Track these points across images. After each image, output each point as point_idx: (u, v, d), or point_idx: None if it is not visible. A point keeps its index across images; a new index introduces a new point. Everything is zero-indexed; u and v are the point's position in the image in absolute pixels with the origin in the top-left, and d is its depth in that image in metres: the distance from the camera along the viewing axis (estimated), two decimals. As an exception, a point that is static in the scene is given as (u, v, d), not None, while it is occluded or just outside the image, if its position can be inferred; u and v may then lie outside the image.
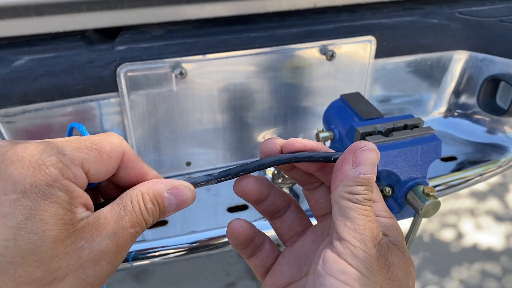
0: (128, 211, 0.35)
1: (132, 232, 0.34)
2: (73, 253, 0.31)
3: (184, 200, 0.38)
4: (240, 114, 0.89)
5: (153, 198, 0.36)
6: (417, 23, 0.92)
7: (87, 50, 0.76)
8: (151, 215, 0.36)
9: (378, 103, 1.01)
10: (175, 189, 0.37)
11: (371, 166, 0.36)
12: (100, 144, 0.35)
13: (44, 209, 0.30)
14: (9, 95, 0.72)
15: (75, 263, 0.31)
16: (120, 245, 0.33)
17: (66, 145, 0.33)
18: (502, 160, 0.97)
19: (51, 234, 0.30)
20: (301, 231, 0.45)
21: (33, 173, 0.31)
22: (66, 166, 0.32)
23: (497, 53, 0.94)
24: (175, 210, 0.38)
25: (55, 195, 0.31)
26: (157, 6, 0.76)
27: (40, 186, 0.30)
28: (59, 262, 0.31)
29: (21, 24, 0.71)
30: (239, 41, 0.82)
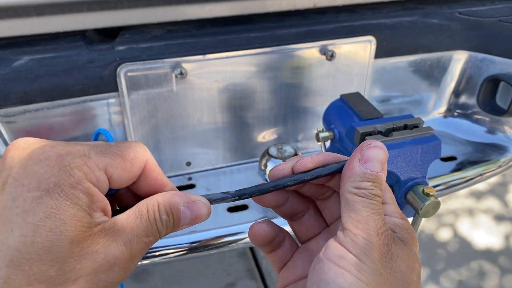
0: (144, 220, 0.35)
1: (146, 241, 0.35)
2: (88, 256, 0.32)
3: (199, 215, 0.38)
4: (240, 114, 0.89)
5: (169, 209, 0.37)
6: (417, 23, 0.92)
7: (87, 50, 0.76)
8: (165, 226, 0.36)
9: (378, 103, 1.01)
10: (191, 203, 0.38)
11: (379, 163, 0.36)
12: (125, 151, 0.36)
13: (65, 209, 0.31)
14: (9, 95, 0.72)
15: (89, 266, 0.32)
16: (134, 253, 0.34)
17: (92, 149, 0.34)
18: (502, 160, 0.97)
19: (69, 234, 0.31)
20: (318, 233, 0.45)
21: (58, 173, 0.31)
22: (91, 169, 0.33)
23: (497, 53, 0.94)
24: (189, 224, 0.38)
25: (76, 197, 0.31)
26: (157, 6, 0.76)
27: (63, 187, 0.31)
28: (73, 264, 0.31)
29: (21, 24, 0.71)
30: (239, 41, 0.82)
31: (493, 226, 1.81)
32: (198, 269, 1.49)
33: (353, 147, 0.66)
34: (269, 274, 1.48)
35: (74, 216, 0.31)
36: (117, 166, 0.35)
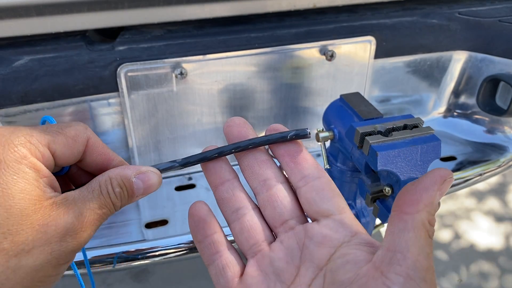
0: (96, 194, 0.36)
1: (99, 213, 0.36)
2: (40, 229, 0.33)
3: (151, 184, 0.40)
4: (240, 114, 0.89)
5: (121, 182, 0.38)
6: (417, 23, 0.92)
7: (87, 50, 0.76)
8: (119, 198, 0.38)
9: (378, 103, 1.01)
10: (142, 174, 0.40)
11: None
12: (65, 129, 0.38)
13: (12, 183, 0.32)
14: (10, 95, 0.72)
15: (41, 237, 0.33)
16: (86, 224, 0.35)
17: (34, 129, 0.36)
18: (502, 160, 0.97)
19: (18, 208, 0.32)
20: None
21: (2, 150, 0.33)
22: (34, 146, 0.34)
23: (497, 53, 0.94)
24: (143, 195, 0.40)
25: (23, 171, 0.33)
26: (157, 7, 0.76)
27: (8, 162, 0.33)
28: (25, 236, 0.32)
29: (22, 24, 0.71)
30: (239, 41, 0.82)
31: (493, 227, 1.81)
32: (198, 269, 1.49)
33: (353, 147, 0.66)
34: (269, 274, 1.48)
35: (23, 190, 0.33)
36: (59, 142, 0.37)
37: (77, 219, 0.35)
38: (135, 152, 0.86)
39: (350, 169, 0.76)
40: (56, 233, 0.33)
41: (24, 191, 0.33)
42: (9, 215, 0.32)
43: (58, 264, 0.34)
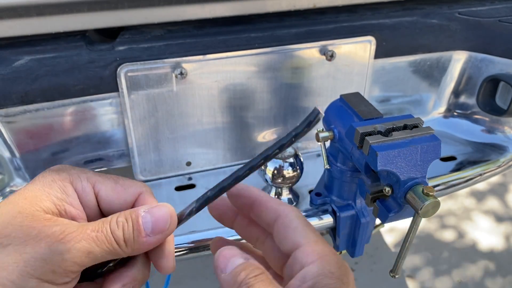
0: (97, 221, 0.37)
1: (90, 234, 0.36)
2: (25, 229, 0.35)
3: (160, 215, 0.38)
4: (240, 114, 0.89)
5: (128, 214, 0.37)
6: (417, 23, 0.92)
7: (87, 50, 0.76)
8: (120, 229, 0.36)
9: (378, 103, 1.01)
10: (153, 208, 0.39)
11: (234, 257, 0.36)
12: (120, 178, 0.40)
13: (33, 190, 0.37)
14: (10, 95, 0.72)
15: (22, 237, 0.34)
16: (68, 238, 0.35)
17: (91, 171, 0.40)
18: (502, 160, 0.97)
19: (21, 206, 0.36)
20: None
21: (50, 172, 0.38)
22: (79, 178, 0.38)
23: (497, 53, 0.94)
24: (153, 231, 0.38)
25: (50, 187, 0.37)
26: (158, 6, 0.76)
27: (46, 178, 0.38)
28: (11, 230, 0.35)
29: (22, 24, 0.71)
30: (239, 41, 0.82)
31: (493, 226, 1.81)
32: (198, 269, 1.49)
33: (353, 147, 0.66)
34: (269, 274, 1.48)
35: (36, 197, 0.37)
36: (106, 185, 0.39)
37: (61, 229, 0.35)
38: (135, 152, 0.86)
39: (350, 169, 0.76)
40: (35, 236, 0.34)
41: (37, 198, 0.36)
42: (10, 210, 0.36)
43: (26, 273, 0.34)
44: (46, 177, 0.38)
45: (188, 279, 1.46)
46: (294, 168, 0.79)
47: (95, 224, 0.36)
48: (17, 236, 0.34)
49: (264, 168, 0.80)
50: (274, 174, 0.79)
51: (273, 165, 0.79)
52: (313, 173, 0.91)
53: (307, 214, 0.81)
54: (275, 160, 0.79)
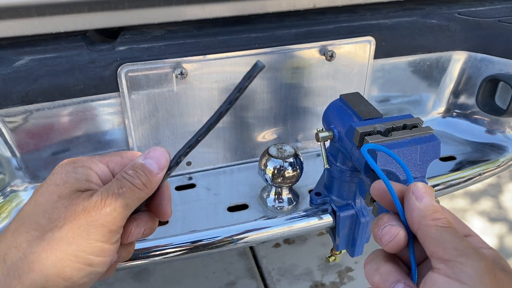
0: (114, 181, 0.44)
1: (119, 192, 0.43)
2: (70, 207, 0.41)
3: (158, 154, 0.46)
4: (240, 114, 0.90)
5: (132, 167, 0.45)
6: (416, 24, 0.92)
7: (88, 50, 0.76)
8: (136, 177, 0.44)
9: (378, 103, 1.01)
10: (147, 154, 0.46)
11: (431, 196, 0.40)
12: (122, 152, 0.49)
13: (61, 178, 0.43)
14: (10, 95, 0.72)
15: (72, 215, 0.41)
16: (107, 202, 0.42)
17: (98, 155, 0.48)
18: (501, 160, 0.97)
19: (57, 192, 0.42)
20: None
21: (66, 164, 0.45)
22: (94, 162, 0.46)
23: (496, 53, 0.94)
24: (159, 167, 0.46)
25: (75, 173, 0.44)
26: (158, 7, 0.76)
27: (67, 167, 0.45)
28: (59, 213, 0.41)
29: (22, 24, 0.71)
30: (239, 41, 0.82)
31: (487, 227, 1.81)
32: (198, 268, 1.49)
33: (353, 147, 0.66)
34: (269, 273, 1.48)
35: (67, 182, 0.43)
36: (116, 161, 0.47)
37: (99, 198, 0.42)
38: (136, 152, 0.86)
39: (349, 169, 0.76)
40: (83, 210, 0.41)
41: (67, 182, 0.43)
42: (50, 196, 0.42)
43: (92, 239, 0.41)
44: (64, 167, 0.45)
45: (188, 278, 1.46)
46: (294, 168, 0.79)
47: (115, 184, 0.43)
48: (67, 215, 0.41)
49: (264, 168, 0.80)
50: (274, 173, 0.79)
51: (273, 164, 0.79)
52: (313, 173, 0.91)
53: (307, 213, 0.81)
54: (275, 160, 0.79)
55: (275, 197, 0.84)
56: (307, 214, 0.81)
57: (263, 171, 0.80)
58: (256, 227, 0.79)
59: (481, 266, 0.33)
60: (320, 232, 1.59)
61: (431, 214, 0.38)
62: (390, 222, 0.41)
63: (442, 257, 0.35)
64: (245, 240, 0.78)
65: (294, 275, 1.48)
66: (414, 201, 0.40)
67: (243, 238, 0.77)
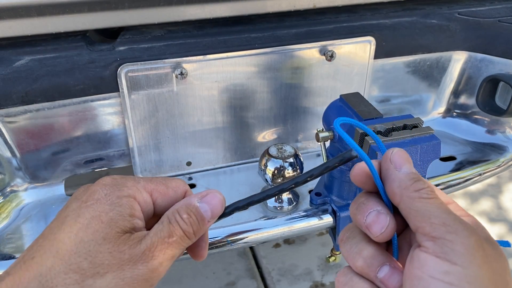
0: (166, 224, 0.40)
1: (169, 241, 0.39)
2: (116, 254, 0.37)
3: (215, 204, 0.42)
4: (240, 114, 0.90)
5: (187, 209, 0.41)
6: (417, 24, 0.92)
7: (88, 50, 0.76)
8: (189, 224, 0.41)
9: (378, 103, 1.01)
10: (205, 197, 0.43)
11: (409, 164, 0.37)
12: (168, 181, 0.44)
13: (106, 212, 0.38)
14: (10, 95, 0.72)
15: (116, 263, 0.37)
16: (156, 252, 0.39)
17: (142, 178, 0.43)
18: (501, 160, 0.97)
19: (103, 232, 0.37)
20: None
21: (110, 189, 0.40)
22: (139, 190, 0.41)
23: (496, 53, 0.94)
24: (213, 217, 0.43)
25: (119, 205, 0.39)
26: (158, 7, 0.76)
27: (111, 197, 0.39)
28: (103, 259, 0.37)
29: (22, 24, 0.71)
30: (239, 41, 0.82)
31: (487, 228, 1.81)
32: (198, 268, 1.49)
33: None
34: (269, 273, 1.48)
35: (112, 219, 0.38)
36: (160, 191, 0.42)
37: (147, 247, 0.38)
38: (136, 152, 0.86)
39: (350, 169, 0.76)
40: (129, 260, 0.37)
41: (113, 220, 0.38)
42: (94, 237, 0.37)
43: None
44: (109, 195, 0.40)
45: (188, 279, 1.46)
46: (294, 168, 0.79)
47: (166, 227, 0.40)
48: (111, 263, 0.37)
49: (264, 168, 0.80)
50: (274, 174, 0.79)
51: (273, 165, 0.79)
52: (313, 173, 0.91)
53: (307, 214, 0.81)
54: (275, 160, 0.79)
55: (275, 197, 0.84)
56: (307, 214, 0.81)
57: (263, 171, 0.80)
58: (256, 227, 0.79)
59: (471, 243, 0.30)
60: (320, 232, 1.59)
61: (414, 184, 0.34)
62: (375, 207, 0.36)
63: (430, 233, 0.32)
64: (245, 240, 0.78)
65: (294, 275, 1.48)
66: (393, 170, 0.36)
67: (243, 238, 0.77)
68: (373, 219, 0.35)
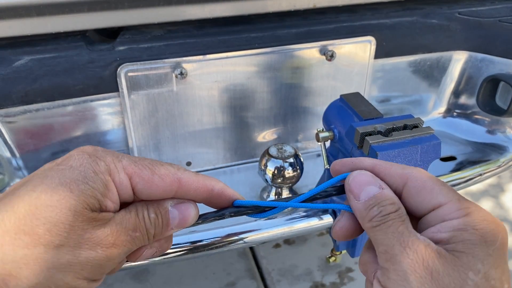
0: (133, 216, 0.38)
1: (132, 235, 0.37)
2: (77, 230, 0.34)
3: (187, 215, 0.39)
4: (240, 114, 0.89)
5: (157, 209, 0.38)
6: (417, 24, 0.92)
7: (87, 50, 0.76)
8: (153, 224, 0.38)
9: (378, 103, 1.01)
10: (179, 204, 0.39)
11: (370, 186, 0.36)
12: (155, 166, 0.38)
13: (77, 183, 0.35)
14: (10, 95, 0.72)
15: (75, 239, 0.34)
16: (118, 241, 0.36)
17: (127, 157, 0.38)
18: (502, 160, 0.97)
19: (70, 203, 0.34)
20: None
21: (87, 159, 0.36)
22: (117, 169, 0.37)
23: (497, 53, 0.94)
24: (178, 227, 0.40)
25: (93, 181, 0.36)
26: (158, 7, 0.76)
27: (87, 168, 0.36)
28: (61, 230, 0.34)
29: (22, 24, 0.71)
30: (239, 41, 0.82)
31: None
32: (198, 269, 1.49)
33: (353, 147, 0.66)
34: (269, 273, 1.48)
35: (82, 193, 0.34)
36: (143, 177, 0.38)
37: (111, 233, 0.36)
38: (135, 152, 0.86)
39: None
40: (89, 240, 0.35)
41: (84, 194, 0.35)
42: (59, 204, 0.34)
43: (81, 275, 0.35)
44: (85, 166, 0.36)
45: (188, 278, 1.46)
46: (294, 168, 0.79)
47: (133, 220, 0.37)
48: (70, 237, 0.34)
49: (264, 168, 0.80)
50: (274, 174, 0.79)
51: (274, 165, 0.79)
52: (313, 173, 0.91)
53: (307, 214, 0.81)
54: (275, 160, 0.79)
55: (275, 197, 0.84)
56: (307, 214, 0.81)
57: (263, 171, 0.80)
58: (256, 228, 0.79)
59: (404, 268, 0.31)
60: (320, 233, 1.58)
61: (368, 214, 0.35)
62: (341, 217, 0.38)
63: (379, 263, 0.34)
64: (245, 240, 0.77)
65: (294, 276, 1.47)
66: (353, 201, 0.36)
67: (243, 239, 0.77)
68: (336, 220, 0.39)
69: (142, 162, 0.38)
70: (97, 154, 0.37)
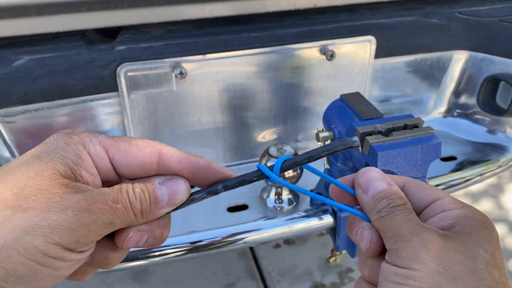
0: (115, 190, 0.36)
1: (111, 206, 0.35)
2: (45, 193, 0.33)
3: (177, 189, 0.38)
4: (240, 114, 0.89)
5: (143, 186, 0.37)
6: (417, 23, 0.92)
7: (87, 50, 0.76)
8: (138, 200, 0.36)
9: (378, 103, 1.01)
10: (167, 181, 0.38)
11: (379, 182, 0.38)
12: (134, 139, 0.38)
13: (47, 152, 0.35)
14: (9, 95, 0.72)
15: (44, 202, 0.33)
16: (93, 208, 0.34)
17: (102, 135, 0.38)
18: (502, 160, 0.97)
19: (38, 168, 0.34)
20: None
21: (62, 136, 0.37)
22: (92, 142, 0.37)
23: (497, 53, 0.94)
24: (169, 204, 0.38)
25: (64, 150, 0.36)
26: (157, 6, 0.76)
27: (59, 141, 0.37)
28: (29, 193, 0.33)
29: (21, 24, 0.71)
30: (239, 41, 0.82)
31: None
32: (198, 269, 1.49)
33: (353, 147, 0.66)
34: (269, 274, 1.48)
35: (52, 159, 0.35)
36: (120, 148, 0.37)
37: (85, 199, 0.34)
38: (135, 152, 0.86)
39: (350, 169, 0.75)
40: (59, 203, 0.33)
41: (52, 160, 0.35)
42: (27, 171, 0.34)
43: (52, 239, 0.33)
44: (58, 140, 0.37)
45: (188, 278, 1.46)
46: (294, 168, 0.79)
47: (114, 193, 0.36)
48: (38, 200, 0.33)
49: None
50: (274, 174, 0.79)
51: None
52: (313, 173, 0.91)
53: (307, 214, 0.81)
54: (275, 160, 0.79)
55: (275, 197, 0.84)
56: (307, 214, 0.80)
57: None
58: (256, 228, 0.78)
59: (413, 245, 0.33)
60: (320, 233, 1.58)
61: (376, 206, 0.37)
62: (360, 224, 0.38)
63: (386, 247, 0.35)
64: (245, 240, 0.77)
65: (294, 276, 1.47)
66: (361, 195, 0.38)
67: (243, 239, 0.77)
68: (359, 235, 0.38)
69: (119, 137, 0.38)
70: (72, 132, 0.38)
